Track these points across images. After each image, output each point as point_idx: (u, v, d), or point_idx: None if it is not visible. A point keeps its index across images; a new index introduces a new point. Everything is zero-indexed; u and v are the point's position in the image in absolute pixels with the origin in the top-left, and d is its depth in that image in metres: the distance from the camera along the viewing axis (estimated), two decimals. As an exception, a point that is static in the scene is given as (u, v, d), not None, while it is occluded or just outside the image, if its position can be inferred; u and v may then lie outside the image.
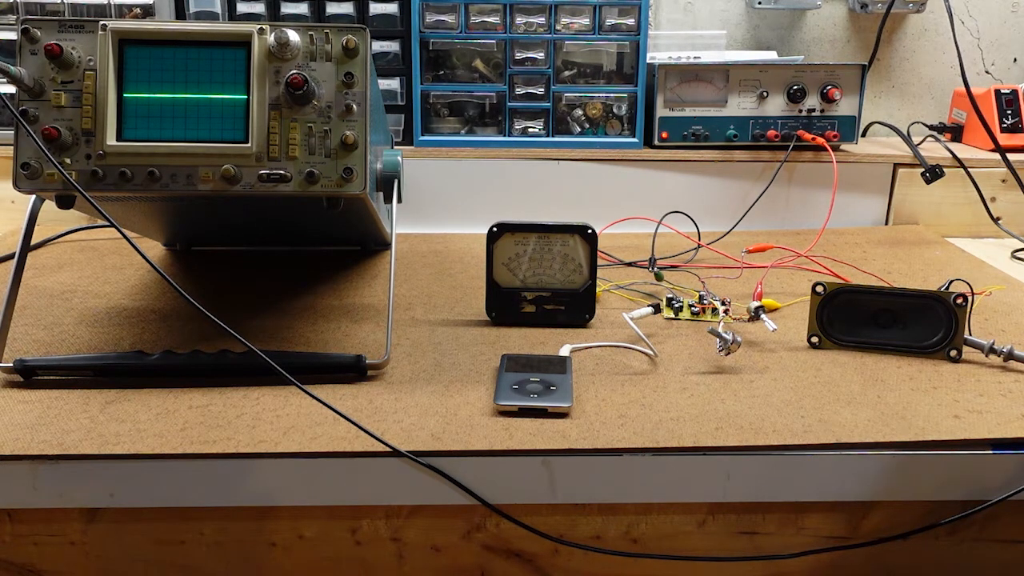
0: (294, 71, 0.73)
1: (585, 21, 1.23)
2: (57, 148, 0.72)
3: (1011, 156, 1.27)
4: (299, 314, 0.92)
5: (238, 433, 0.67)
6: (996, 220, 1.29)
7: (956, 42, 1.33)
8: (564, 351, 0.82)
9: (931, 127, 1.47)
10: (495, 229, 0.88)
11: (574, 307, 0.89)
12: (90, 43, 0.72)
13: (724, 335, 0.79)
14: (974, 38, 1.52)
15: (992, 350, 0.80)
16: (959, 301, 0.80)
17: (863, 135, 1.40)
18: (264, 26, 0.73)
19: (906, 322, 0.83)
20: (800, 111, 1.26)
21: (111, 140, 0.72)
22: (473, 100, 1.26)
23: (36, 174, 0.72)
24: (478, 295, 0.92)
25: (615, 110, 1.27)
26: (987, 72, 1.54)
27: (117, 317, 0.91)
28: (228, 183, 0.73)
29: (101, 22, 0.72)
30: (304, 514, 0.69)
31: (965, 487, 0.68)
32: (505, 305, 0.90)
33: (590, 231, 0.88)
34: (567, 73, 1.26)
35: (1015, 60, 1.54)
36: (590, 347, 0.84)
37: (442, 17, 1.22)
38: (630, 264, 1.10)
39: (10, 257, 1.05)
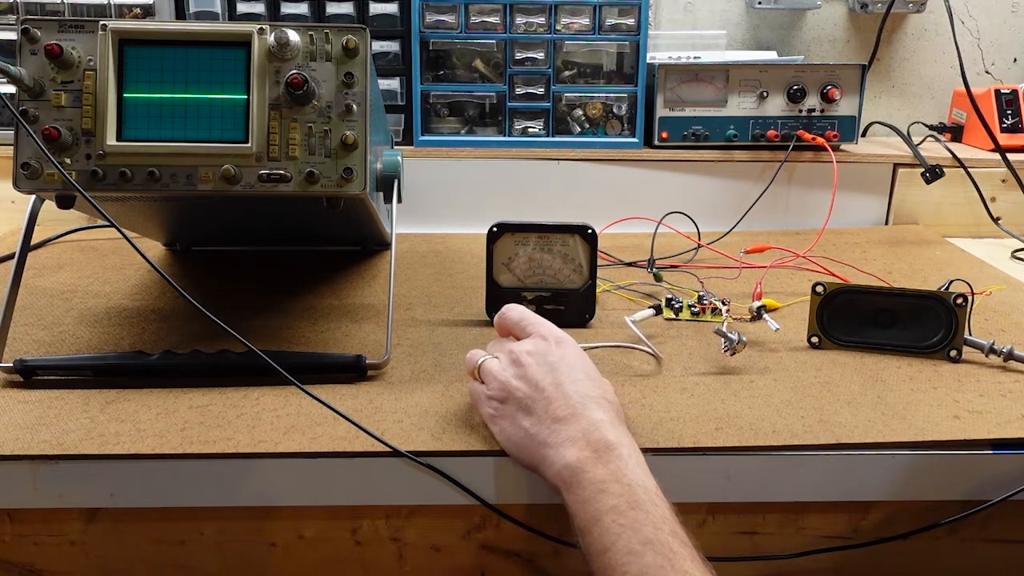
0: (294, 71, 0.72)
1: (585, 21, 1.23)
2: (57, 148, 0.72)
3: (1011, 156, 1.27)
4: (299, 314, 0.92)
5: (238, 433, 0.67)
6: (996, 220, 1.29)
7: (956, 42, 1.33)
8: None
9: (931, 127, 1.47)
10: (495, 229, 0.88)
11: (574, 307, 0.89)
12: (90, 43, 0.72)
13: (730, 335, 0.78)
14: (974, 38, 1.52)
15: (992, 350, 0.80)
16: (959, 301, 0.80)
17: (863, 135, 1.40)
18: (264, 26, 0.73)
19: (906, 322, 0.82)
20: (800, 111, 1.26)
21: (111, 140, 0.72)
22: (473, 100, 1.26)
23: (36, 174, 0.72)
24: (478, 295, 0.92)
25: (615, 110, 1.27)
26: (987, 72, 1.54)
27: (117, 317, 0.91)
28: (228, 183, 0.73)
29: (101, 22, 0.72)
30: (304, 514, 0.69)
31: (965, 487, 0.68)
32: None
33: (590, 231, 0.88)
34: (567, 73, 1.26)
35: (1015, 60, 1.54)
36: (595, 347, 0.84)
37: (442, 17, 1.22)
38: (630, 264, 1.10)
39: (10, 257, 1.05)
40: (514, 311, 0.73)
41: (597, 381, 0.66)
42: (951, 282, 0.84)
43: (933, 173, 1.24)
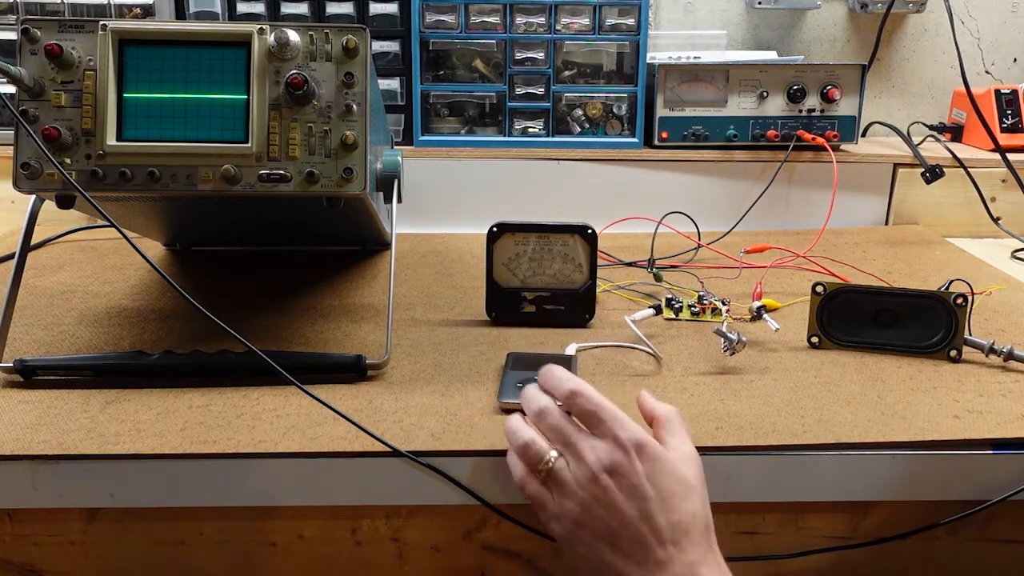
0: (294, 71, 0.73)
1: (585, 21, 1.23)
2: (57, 148, 0.72)
3: (1011, 156, 1.27)
4: (299, 314, 0.92)
5: (238, 433, 0.67)
6: (996, 220, 1.29)
7: (956, 42, 1.33)
8: (570, 350, 0.82)
9: (931, 127, 1.47)
10: (495, 229, 0.88)
11: (574, 307, 0.89)
12: (90, 43, 0.72)
13: (730, 335, 0.78)
14: (974, 38, 1.52)
15: (992, 350, 0.80)
16: (959, 301, 0.80)
17: (863, 135, 1.40)
18: (264, 26, 0.73)
19: (906, 322, 0.82)
20: (800, 111, 1.26)
21: (111, 140, 0.72)
22: (473, 100, 1.26)
23: (36, 174, 0.72)
24: (478, 295, 0.92)
25: (615, 110, 1.27)
26: (987, 72, 1.54)
27: (117, 317, 0.91)
28: (228, 183, 0.73)
29: (101, 22, 0.72)
30: (304, 514, 0.69)
31: (965, 487, 0.68)
32: (505, 305, 0.90)
33: (590, 231, 0.88)
34: (567, 73, 1.26)
35: (1015, 60, 1.54)
36: (596, 347, 0.84)
37: (442, 17, 1.22)
38: (630, 264, 1.10)
39: (10, 257, 1.05)
40: (585, 390, 0.60)
41: (686, 493, 0.58)
42: (951, 282, 0.84)
43: (933, 173, 1.24)
